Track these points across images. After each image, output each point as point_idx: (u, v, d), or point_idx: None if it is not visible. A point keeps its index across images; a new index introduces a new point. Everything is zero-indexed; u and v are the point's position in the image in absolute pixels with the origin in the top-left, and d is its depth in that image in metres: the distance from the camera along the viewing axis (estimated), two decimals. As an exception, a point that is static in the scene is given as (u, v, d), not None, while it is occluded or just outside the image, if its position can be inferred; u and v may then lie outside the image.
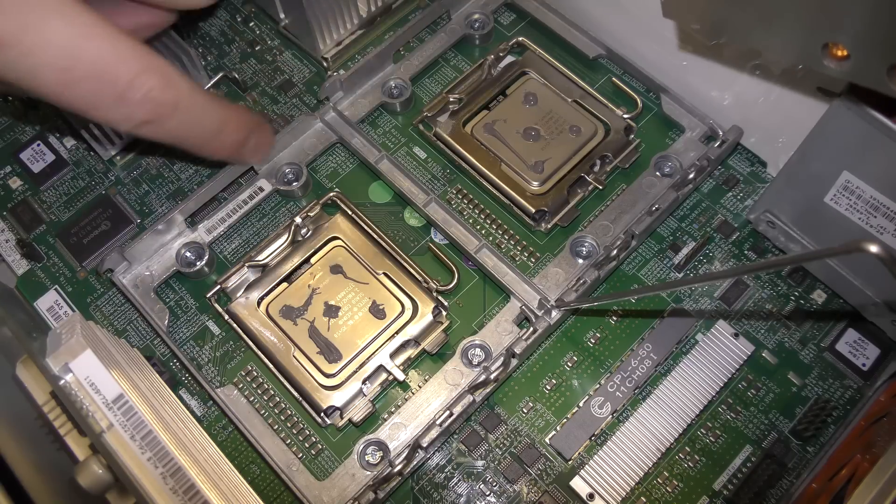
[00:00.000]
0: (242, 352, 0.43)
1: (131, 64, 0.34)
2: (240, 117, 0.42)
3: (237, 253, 0.46)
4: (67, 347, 0.35)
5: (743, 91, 0.46)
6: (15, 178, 0.49)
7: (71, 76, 0.33)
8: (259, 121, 0.45)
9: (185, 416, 0.39)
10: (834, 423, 0.41)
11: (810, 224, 0.41)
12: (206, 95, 0.39)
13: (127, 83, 0.34)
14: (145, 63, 0.35)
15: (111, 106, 0.35)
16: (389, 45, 0.50)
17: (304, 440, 0.41)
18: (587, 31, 0.51)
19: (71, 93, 0.34)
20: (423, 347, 0.42)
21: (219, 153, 0.43)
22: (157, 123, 0.37)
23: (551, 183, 0.46)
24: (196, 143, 0.40)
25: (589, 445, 0.41)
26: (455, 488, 0.40)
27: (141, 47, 0.35)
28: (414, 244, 0.46)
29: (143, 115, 0.36)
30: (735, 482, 0.40)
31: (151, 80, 0.35)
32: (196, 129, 0.39)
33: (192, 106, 0.38)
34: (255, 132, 0.44)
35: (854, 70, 0.30)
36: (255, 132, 0.44)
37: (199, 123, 0.39)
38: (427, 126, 0.49)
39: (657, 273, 0.45)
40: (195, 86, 0.38)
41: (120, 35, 0.34)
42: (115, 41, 0.34)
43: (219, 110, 0.40)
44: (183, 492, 0.33)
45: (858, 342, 0.43)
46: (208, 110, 0.39)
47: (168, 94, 0.36)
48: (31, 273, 0.47)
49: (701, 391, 0.41)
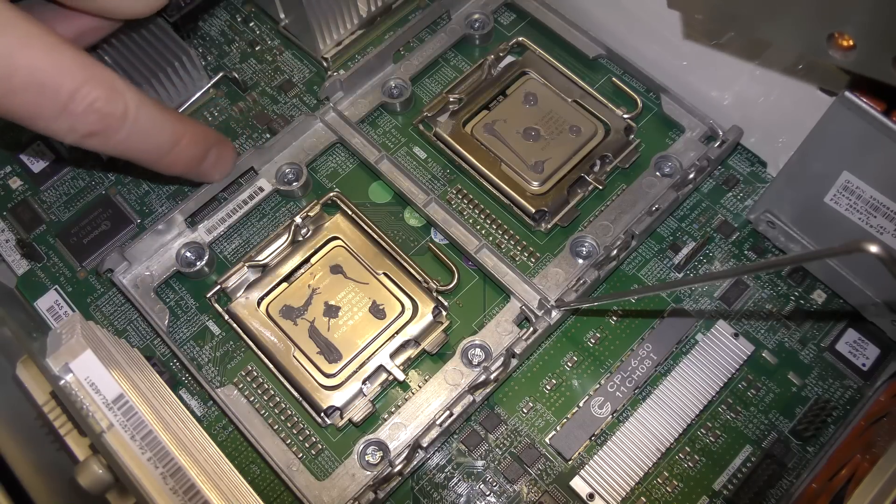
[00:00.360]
0: (242, 352, 0.43)
1: (75, 74, 0.34)
2: (196, 132, 0.41)
3: (237, 253, 0.46)
4: (67, 347, 0.35)
5: (743, 91, 0.46)
6: (15, 178, 0.49)
7: (9, 85, 0.32)
8: (219, 136, 0.44)
9: (185, 416, 0.39)
10: (834, 423, 0.41)
11: (810, 224, 0.41)
12: (159, 107, 0.38)
13: (69, 94, 0.34)
14: (89, 73, 0.34)
15: (53, 117, 0.34)
16: (389, 45, 0.50)
17: (304, 440, 0.41)
18: (587, 31, 0.51)
19: (11, 102, 0.33)
20: (423, 347, 0.42)
21: (173, 169, 0.41)
22: (103, 136, 0.36)
23: (551, 183, 0.46)
24: (148, 157, 0.39)
25: (589, 445, 0.41)
26: (455, 488, 0.40)
27: (85, 57, 0.34)
28: (414, 244, 0.46)
29: (88, 126, 0.35)
30: (735, 482, 0.40)
31: (95, 90, 0.34)
32: (147, 142, 0.38)
33: (142, 118, 0.37)
34: (215, 148, 0.43)
35: (859, 61, 0.30)
36: (215, 148, 0.43)
37: (151, 137, 0.38)
38: (427, 126, 0.49)
39: (657, 273, 0.45)
40: (145, 97, 0.37)
41: (62, 45, 0.34)
42: (56, 51, 0.33)
43: (173, 123, 0.39)
44: (183, 492, 0.33)
45: (858, 342, 0.43)
46: (160, 123, 0.38)
47: (114, 105, 0.35)
48: (31, 273, 0.47)
49: (701, 391, 0.41)
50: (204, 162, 0.42)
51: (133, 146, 0.38)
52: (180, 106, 0.50)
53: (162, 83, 0.48)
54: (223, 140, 0.44)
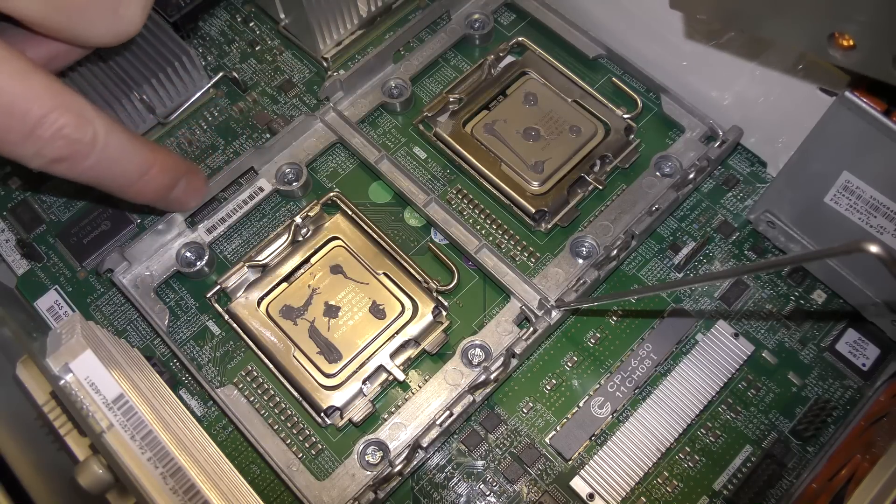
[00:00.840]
0: (242, 352, 0.43)
1: (43, 100, 0.33)
2: (166, 161, 0.40)
3: (237, 253, 0.46)
4: (67, 347, 0.35)
5: (743, 91, 0.46)
6: (15, 178, 0.49)
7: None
8: (190, 166, 0.43)
9: (185, 416, 0.39)
10: (834, 423, 0.41)
11: (810, 224, 0.41)
12: (128, 135, 0.38)
13: (37, 119, 0.33)
14: (59, 100, 0.34)
15: (19, 141, 0.34)
16: (389, 45, 0.50)
17: (304, 440, 0.41)
18: (587, 31, 0.51)
19: None
20: (423, 347, 0.42)
21: (142, 197, 0.41)
22: (71, 162, 0.35)
23: (551, 183, 0.46)
24: (116, 185, 0.39)
25: (589, 445, 0.41)
26: (455, 488, 0.40)
27: (56, 84, 0.34)
28: (414, 244, 0.46)
29: (55, 152, 0.35)
30: (735, 482, 0.40)
31: (64, 116, 0.34)
32: (115, 170, 0.38)
33: (111, 145, 0.36)
34: (185, 177, 0.42)
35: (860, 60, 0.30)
36: (185, 177, 0.42)
37: (119, 165, 0.37)
38: (427, 126, 0.49)
39: (657, 273, 0.45)
40: (116, 126, 0.37)
41: (33, 69, 0.33)
42: (25, 75, 0.33)
43: (142, 152, 0.39)
44: (183, 492, 0.33)
45: (858, 342, 0.43)
46: (129, 151, 0.38)
47: (82, 132, 0.35)
48: (32, 273, 0.47)
49: (701, 391, 0.41)
50: (174, 191, 0.42)
51: (101, 173, 0.37)
52: (180, 106, 0.50)
53: (162, 83, 0.48)
54: (194, 169, 0.44)
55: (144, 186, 0.40)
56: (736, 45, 0.44)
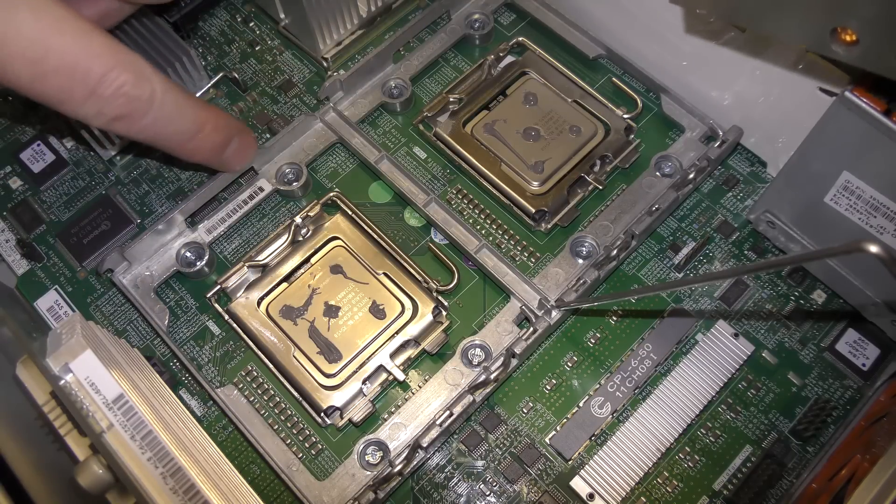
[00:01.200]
0: (242, 352, 0.43)
1: (104, 59, 0.34)
2: (219, 119, 0.42)
3: (237, 253, 0.46)
4: (67, 347, 0.35)
5: (743, 91, 0.46)
6: (15, 178, 0.49)
7: (41, 69, 0.33)
8: (241, 126, 0.44)
9: (185, 416, 0.39)
10: (834, 423, 0.41)
11: (810, 224, 0.41)
12: (184, 94, 0.39)
13: (99, 78, 0.34)
14: (118, 58, 0.35)
15: (82, 100, 0.35)
16: (389, 45, 0.50)
17: (304, 440, 0.41)
18: (587, 31, 0.51)
19: (42, 86, 0.34)
20: (423, 347, 0.42)
21: (196, 155, 0.42)
22: (130, 120, 0.37)
23: (551, 183, 0.46)
24: (172, 142, 0.40)
25: (589, 445, 0.41)
26: (455, 488, 0.40)
27: (115, 43, 0.35)
28: (414, 244, 0.46)
29: (115, 110, 0.36)
30: (735, 482, 0.40)
31: (124, 75, 0.35)
32: (171, 127, 0.39)
33: (167, 103, 0.37)
34: (237, 137, 0.43)
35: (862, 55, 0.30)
36: (237, 137, 0.43)
37: (175, 122, 0.39)
38: (427, 126, 0.49)
39: (657, 273, 0.45)
40: (171, 83, 0.38)
41: (93, 29, 0.34)
42: (86, 35, 0.34)
43: (196, 110, 0.40)
44: (183, 492, 0.33)
45: (858, 342, 0.43)
46: (185, 109, 0.39)
47: (141, 89, 0.36)
48: (32, 273, 0.47)
49: (701, 391, 0.41)
50: (226, 150, 0.43)
51: (158, 130, 0.38)
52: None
53: (162, 83, 0.48)
54: (245, 130, 0.45)
55: (199, 144, 0.41)
56: (736, 45, 0.44)
